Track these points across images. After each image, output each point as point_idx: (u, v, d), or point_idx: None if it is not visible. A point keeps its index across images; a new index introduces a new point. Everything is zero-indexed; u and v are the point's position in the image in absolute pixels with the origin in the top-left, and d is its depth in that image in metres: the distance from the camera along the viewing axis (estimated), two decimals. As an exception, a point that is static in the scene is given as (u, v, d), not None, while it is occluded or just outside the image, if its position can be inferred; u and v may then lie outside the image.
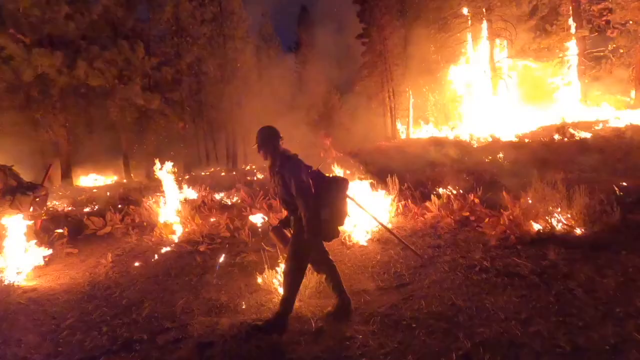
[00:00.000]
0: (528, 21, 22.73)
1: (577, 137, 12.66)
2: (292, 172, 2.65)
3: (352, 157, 13.93)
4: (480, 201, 5.07)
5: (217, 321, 2.85)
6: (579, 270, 3.15)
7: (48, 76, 13.24)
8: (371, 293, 3.16)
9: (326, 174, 2.90)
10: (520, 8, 22.85)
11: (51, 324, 3.04)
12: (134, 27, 16.17)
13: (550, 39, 21.57)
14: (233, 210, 6.87)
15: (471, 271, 3.40)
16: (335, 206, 2.73)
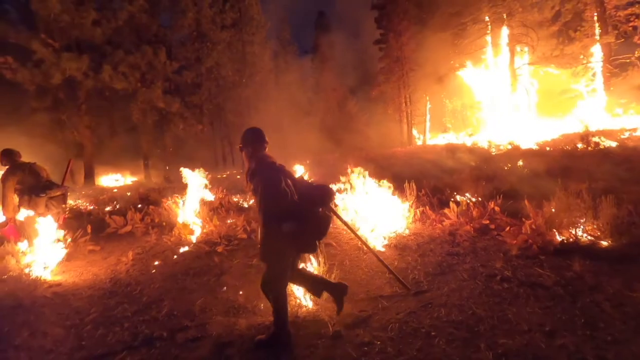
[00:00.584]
0: (550, 27, 22.28)
1: (601, 145, 12.27)
2: (262, 180, 2.46)
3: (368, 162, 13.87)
4: (501, 209, 4.96)
5: (235, 322, 2.87)
6: (606, 283, 3.04)
7: (75, 79, 13.76)
8: (389, 299, 3.13)
9: (312, 182, 2.76)
10: (542, 14, 22.43)
11: (75, 318, 3.12)
12: (157, 32, 16.66)
13: (573, 45, 21.06)
14: (250, 212, 6.92)
15: (492, 280, 3.33)
16: (314, 218, 2.56)
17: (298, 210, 2.50)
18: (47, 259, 4.05)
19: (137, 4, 15.39)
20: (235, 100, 22.59)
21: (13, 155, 4.51)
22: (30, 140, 12.75)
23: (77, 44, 14.11)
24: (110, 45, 14.64)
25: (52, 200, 4.52)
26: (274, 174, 2.51)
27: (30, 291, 3.55)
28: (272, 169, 2.54)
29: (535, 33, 21.11)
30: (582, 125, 18.35)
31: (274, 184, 2.44)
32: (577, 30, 22.05)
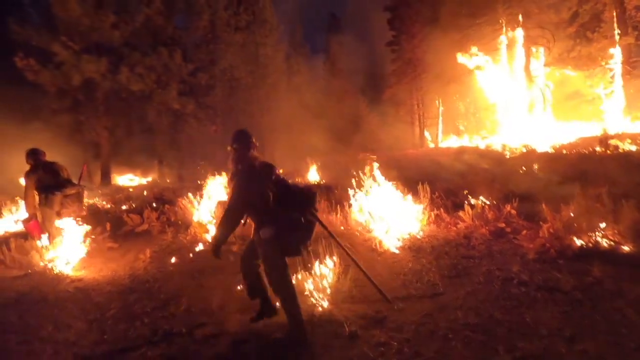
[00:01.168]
0: (567, 28, 21.83)
1: (621, 149, 11.98)
2: (238, 180, 2.52)
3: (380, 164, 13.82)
4: (517, 213, 4.90)
5: (253, 318, 2.91)
6: (628, 289, 2.98)
7: (93, 81, 14.11)
8: (404, 301, 3.12)
9: (295, 184, 2.72)
10: (559, 15, 21.97)
11: (97, 313, 3.21)
12: (173, 34, 16.97)
13: (591, 46, 20.61)
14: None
15: (509, 284, 3.30)
16: (296, 223, 2.55)
17: (277, 213, 2.51)
18: (69, 255, 4.17)
19: (154, 7, 15.71)
20: (248, 102, 22.80)
21: (37, 155, 4.65)
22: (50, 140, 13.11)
23: (96, 47, 14.47)
24: (128, 47, 14.98)
25: (67, 199, 4.63)
26: (256, 178, 2.52)
27: (54, 286, 3.67)
28: (253, 173, 2.55)
29: (551, 34, 20.74)
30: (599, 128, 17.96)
31: (244, 186, 2.48)
32: (594, 32, 21.57)
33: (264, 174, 2.57)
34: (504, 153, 16.24)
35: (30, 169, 4.55)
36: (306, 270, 3.22)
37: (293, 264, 3.83)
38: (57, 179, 4.63)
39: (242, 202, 2.51)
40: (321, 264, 3.22)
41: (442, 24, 25.35)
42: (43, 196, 4.45)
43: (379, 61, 34.88)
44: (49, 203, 4.46)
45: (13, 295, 3.50)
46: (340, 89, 33.44)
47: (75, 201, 4.79)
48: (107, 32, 14.30)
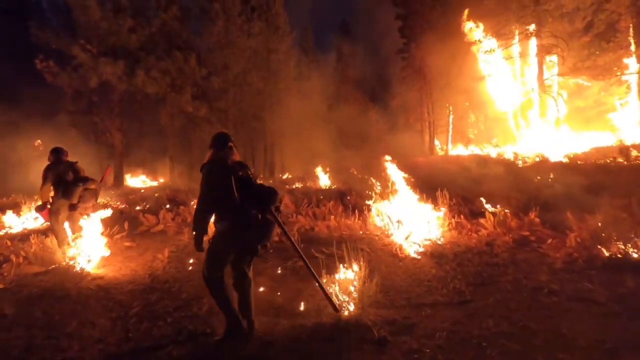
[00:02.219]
0: (581, 38, 21.64)
1: (628, 161, 11.75)
2: (204, 178, 2.56)
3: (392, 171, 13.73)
4: (541, 221, 4.80)
5: (277, 322, 2.87)
6: (666, 301, 2.87)
7: (110, 83, 14.31)
8: (431, 307, 3.05)
9: (257, 182, 2.74)
10: (573, 25, 21.81)
11: (120, 311, 3.19)
12: (187, 39, 17.20)
13: (606, 56, 20.35)
14: (278, 216, 6.96)
15: (539, 293, 3.21)
16: (255, 221, 2.59)
17: (237, 209, 2.54)
18: (91, 252, 4.17)
19: (171, 13, 15.98)
20: (259, 107, 22.91)
21: (59, 154, 4.69)
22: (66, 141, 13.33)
23: (113, 50, 14.70)
24: (144, 51, 15.21)
25: (86, 192, 4.67)
26: (221, 175, 2.55)
27: (76, 283, 3.66)
28: (217, 169, 2.57)
29: (565, 44, 20.56)
30: (615, 138, 17.66)
31: (210, 180, 2.53)
32: (610, 41, 21.33)
33: (229, 171, 2.58)
34: (516, 162, 16.06)
35: (51, 164, 4.59)
36: (330, 274, 3.16)
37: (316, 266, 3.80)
38: (77, 175, 4.67)
39: (208, 199, 2.55)
40: (347, 268, 3.16)
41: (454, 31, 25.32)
42: (62, 188, 4.48)
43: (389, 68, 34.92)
44: (67, 194, 4.47)
45: (36, 291, 3.50)
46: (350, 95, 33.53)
47: (92, 196, 4.83)
48: (124, 36, 14.54)
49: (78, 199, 4.60)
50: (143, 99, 16.03)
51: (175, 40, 16.63)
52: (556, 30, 20.98)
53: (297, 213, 6.67)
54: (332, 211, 6.87)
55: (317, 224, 5.90)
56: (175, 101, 15.84)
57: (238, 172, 2.64)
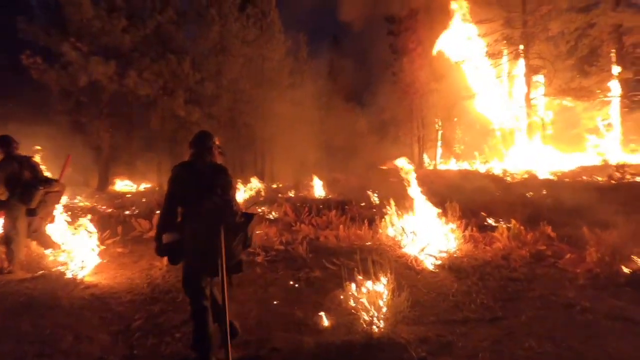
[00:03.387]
0: (566, 60, 22.47)
1: (627, 179, 12.04)
2: (169, 178, 2.40)
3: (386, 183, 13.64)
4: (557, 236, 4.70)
5: (301, 339, 2.61)
6: None
7: (100, 83, 13.84)
8: (463, 324, 2.85)
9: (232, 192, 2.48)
10: (558, 48, 22.69)
11: (120, 324, 2.86)
12: (182, 43, 16.91)
13: (590, 79, 21.14)
14: (278, 224, 6.70)
15: (571, 310, 3.05)
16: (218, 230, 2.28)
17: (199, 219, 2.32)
18: (83, 259, 3.81)
19: (166, 15, 15.70)
20: (251, 114, 22.70)
21: (9, 146, 3.91)
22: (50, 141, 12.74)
23: (104, 49, 14.29)
24: (137, 52, 14.83)
25: (49, 196, 3.96)
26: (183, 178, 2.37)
27: (68, 291, 3.30)
28: (180, 172, 2.40)
29: (552, 65, 21.23)
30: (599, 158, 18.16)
31: (174, 183, 2.37)
32: (592, 65, 22.22)
33: (197, 176, 2.37)
34: (505, 178, 16.27)
35: (3, 161, 3.82)
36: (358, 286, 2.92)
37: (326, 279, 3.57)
38: (36, 174, 3.95)
39: (169, 202, 2.38)
40: (375, 282, 2.93)
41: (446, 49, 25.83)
42: (18, 191, 3.74)
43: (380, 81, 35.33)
44: (26, 198, 3.75)
45: (23, 299, 3.12)
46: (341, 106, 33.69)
47: (56, 200, 4.16)
48: (117, 36, 14.16)
49: (38, 204, 3.84)
50: (134, 101, 15.57)
51: (169, 43, 16.32)
52: (543, 52, 21.67)
53: (300, 222, 6.42)
54: (334, 221, 6.65)
55: (322, 234, 5.67)
56: (167, 105, 15.44)
57: (210, 177, 2.38)
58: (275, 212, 7.97)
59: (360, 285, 2.98)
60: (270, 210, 8.19)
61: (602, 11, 21.15)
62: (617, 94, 20.48)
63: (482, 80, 23.40)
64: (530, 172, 16.77)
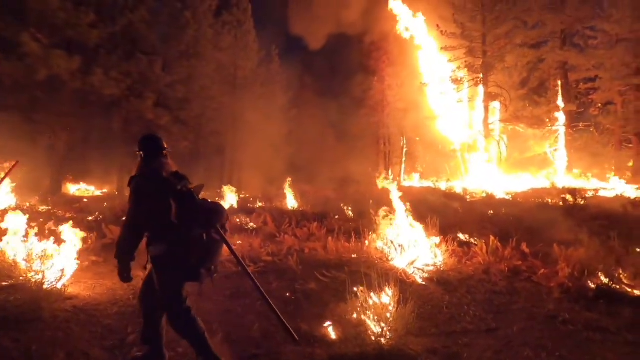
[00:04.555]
0: (519, 90, 24.54)
1: (570, 202, 13.16)
2: (133, 193, 2.21)
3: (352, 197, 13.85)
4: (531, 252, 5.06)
5: (312, 352, 2.58)
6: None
7: (61, 79, 12.92)
8: (463, 335, 2.97)
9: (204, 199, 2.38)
10: (512, 78, 24.75)
11: (113, 339, 2.66)
12: (154, 44, 16.32)
13: (540, 109, 23.19)
14: (259, 234, 6.58)
15: (555, 322, 3.29)
16: (198, 242, 2.21)
17: (175, 230, 2.20)
18: (62, 267, 3.50)
19: (138, 14, 15.12)
20: (219, 123, 22.30)
21: None
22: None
23: (68, 43, 13.43)
24: (104, 49, 14.08)
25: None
26: (152, 191, 2.21)
27: (50, 303, 3.01)
28: (150, 184, 2.23)
29: (508, 94, 22.98)
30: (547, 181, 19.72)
31: (141, 198, 2.20)
32: (542, 96, 24.48)
33: (166, 187, 2.25)
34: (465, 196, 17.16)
35: None
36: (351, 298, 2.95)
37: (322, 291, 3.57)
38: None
39: (137, 220, 2.22)
40: (381, 293, 2.98)
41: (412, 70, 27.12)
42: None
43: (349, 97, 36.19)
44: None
45: None
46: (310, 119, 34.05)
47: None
48: (84, 30, 13.36)
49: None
50: (96, 100, 14.68)
51: (140, 43, 15.70)
52: (500, 81, 23.42)
53: (284, 232, 6.36)
54: (316, 233, 6.67)
55: (307, 245, 5.66)
56: (135, 107, 14.72)
57: (176, 186, 2.27)
58: (254, 222, 7.83)
59: (366, 297, 3.02)
60: (247, 220, 8.03)
61: (551, 49, 23.42)
62: (563, 123, 22.57)
63: (445, 103, 24.74)
64: (488, 192, 17.78)
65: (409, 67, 27.31)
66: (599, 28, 20.68)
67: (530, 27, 23.19)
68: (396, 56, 28.83)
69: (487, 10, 21.87)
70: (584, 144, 23.26)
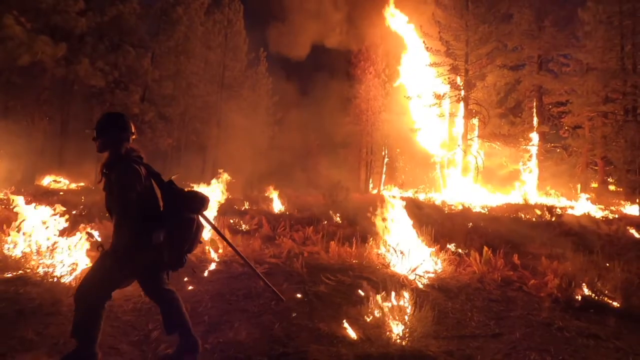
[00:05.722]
0: (496, 109, 25.70)
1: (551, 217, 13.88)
2: (120, 177, 2.10)
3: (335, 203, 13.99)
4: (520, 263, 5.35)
5: (338, 351, 2.66)
6: None
7: (44, 65, 12.40)
8: (473, 339, 3.15)
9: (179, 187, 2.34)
10: (490, 97, 25.91)
11: (136, 334, 2.65)
12: (143, 37, 15.97)
13: (515, 128, 24.38)
14: (255, 236, 6.58)
15: (550, 329, 3.53)
16: (184, 228, 2.19)
17: (165, 217, 2.19)
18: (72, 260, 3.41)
19: (129, 6, 14.78)
20: (203, 122, 22.03)
21: None
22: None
23: (52, 29, 12.92)
24: (91, 37, 13.64)
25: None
26: (138, 173, 2.16)
27: (67, 296, 2.93)
28: (135, 167, 2.17)
29: (487, 112, 24.00)
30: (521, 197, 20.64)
31: (138, 185, 2.13)
32: (517, 116, 25.78)
33: (152, 169, 2.28)
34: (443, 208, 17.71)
35: None
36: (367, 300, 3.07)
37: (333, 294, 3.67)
38: None
39: (134, 207, 2.12)
40: (398, 297, 3.11)
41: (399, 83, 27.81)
42: None
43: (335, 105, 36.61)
44: None
45: (9, 304, 2.70)
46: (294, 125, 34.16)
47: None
48: (71, 18, 12.92)
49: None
50: (79, 90, 14.17)
51: (129, 35, 15.34)
52: (479, 99, 24.43)
53: (282, 236, 6.40)
54: (312, 237, 6.74)
55: (306, 249, 5.73)
56: (121, 100, 14.32)
57: (153, 171, 2.28)
58: (247, 224, 7.81)
59: (381, 300, 3.14)
60: (239, 221, 7.99)
61: (528, 72, 24.77)
62: (536, 143, 23.81)
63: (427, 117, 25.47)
64: (464, 205, 18.41)
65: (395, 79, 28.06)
66: (573, 56, 22.11)
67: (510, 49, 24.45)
68: (383, 68, 29.59)
69: (471, 30, 22.80)
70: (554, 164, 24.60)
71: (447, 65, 23.22)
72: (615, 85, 19.32)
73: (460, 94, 23.53)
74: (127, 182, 2.10)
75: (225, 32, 22.63)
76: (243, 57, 24.79)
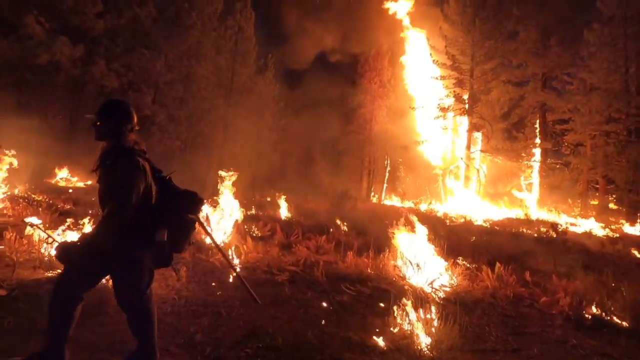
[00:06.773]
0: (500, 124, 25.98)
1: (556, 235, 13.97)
2: (123, 171, 2.01)
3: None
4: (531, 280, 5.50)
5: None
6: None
7: (60, 65, 12.61)
8: (494, 353, 3.29)
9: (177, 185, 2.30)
10: (494, 111, 26.20)
11: (180, 337, 2.78)
12: (158, 40, 16.24)
13: (518, 143, 24.66)
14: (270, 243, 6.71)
15: (565, 346, 3.67)
16: (177, 227, 2.15)
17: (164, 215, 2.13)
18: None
19: (146, 9, 15.07)
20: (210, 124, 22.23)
21: None
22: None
23: (70, 31, 13.15)
24: (109, 39, 13.88)
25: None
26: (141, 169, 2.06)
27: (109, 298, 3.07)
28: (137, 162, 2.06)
29: (490, 126, 24.25)
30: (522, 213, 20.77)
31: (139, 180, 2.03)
32: (520, 132, 26.06)
33: (152, 164, 2.21)
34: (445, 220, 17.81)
35: None
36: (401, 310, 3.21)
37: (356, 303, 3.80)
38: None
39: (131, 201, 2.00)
40: (425, 310, 3.26)
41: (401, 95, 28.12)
42: None
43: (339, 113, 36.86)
44: None
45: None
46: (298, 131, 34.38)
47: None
48: (90, 19, 13.17)
49: None
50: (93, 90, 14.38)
51: (144, 38, 15.60)
52: (483, 113, 24.68)
53: (297, 243, 6.54)
54: (324, 246, 6.88)
55: (321, 258, 5.86)
56: (133, 101, 14.48)
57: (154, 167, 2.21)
58: (259, 230, 7.94)
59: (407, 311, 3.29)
60: (251, 226, 8.13)
61: (532, 89, 25.09)
62: (538, 159, 24.04)
63: (431, 129, 25.72)
64: (466, 218, 18.51)
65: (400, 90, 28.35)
66: (577, 76, 22.44)
67: (515, 66, 24.81)
68: (388, 78, 29.93)
69: (477, 45, 23.13)
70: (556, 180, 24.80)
71: (452, 78, 23.51)
72: (619, 105, 19.60)
73: (465, 107, 23.85)
74: (132, 178, 2.00)
75: (235, 38, 22.93)
76: (252, 62, 25.06)
